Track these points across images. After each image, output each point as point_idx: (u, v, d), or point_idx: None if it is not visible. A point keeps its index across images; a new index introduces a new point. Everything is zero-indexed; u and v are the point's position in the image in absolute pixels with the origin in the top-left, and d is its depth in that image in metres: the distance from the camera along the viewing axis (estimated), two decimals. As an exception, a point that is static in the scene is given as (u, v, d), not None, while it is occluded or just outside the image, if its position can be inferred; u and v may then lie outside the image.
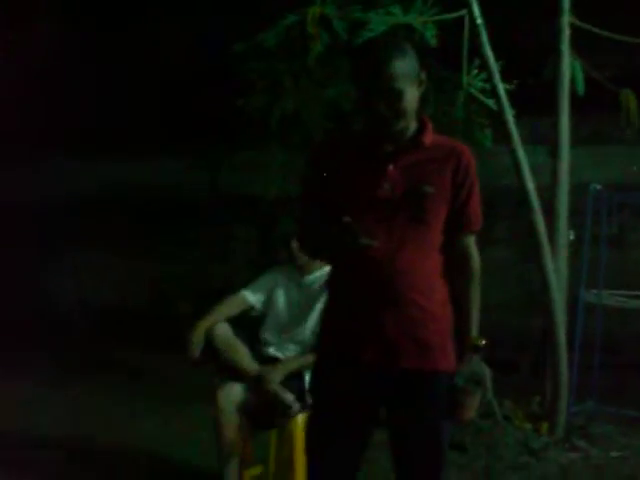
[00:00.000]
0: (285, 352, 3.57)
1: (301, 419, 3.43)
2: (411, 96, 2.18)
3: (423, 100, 2.34)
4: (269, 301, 3.68)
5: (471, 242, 2.37)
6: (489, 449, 3.94)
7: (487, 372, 2.29)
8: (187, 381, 5.16)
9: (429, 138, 2.29)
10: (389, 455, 2.36)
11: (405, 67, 2.15)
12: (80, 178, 6.73)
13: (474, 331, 2.34)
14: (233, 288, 3.54)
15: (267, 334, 3.66)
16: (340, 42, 4.21)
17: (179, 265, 6.64)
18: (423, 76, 2.24)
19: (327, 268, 3.59)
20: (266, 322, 3.69)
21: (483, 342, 2.23)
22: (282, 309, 3.65)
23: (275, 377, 3.35)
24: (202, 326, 3.46)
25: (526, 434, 4.14)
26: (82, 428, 4.51)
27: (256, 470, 3.67)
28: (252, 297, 3.66)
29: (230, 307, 3.61)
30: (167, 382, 5.35)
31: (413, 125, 2.28)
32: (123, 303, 6.72)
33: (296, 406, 3.34)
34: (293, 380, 3.42)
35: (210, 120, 5.55)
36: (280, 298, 3.67)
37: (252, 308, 3.67)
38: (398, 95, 2.15)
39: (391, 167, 2.25)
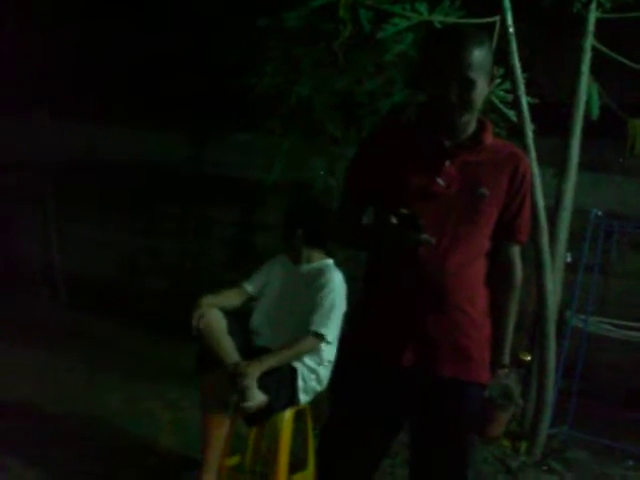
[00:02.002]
0: (274, 343, 3.44)
1: (288, 415, 3.32)
2: (481, 89, 2.11)
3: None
4: (261, 292, 3.58)
5: (517, 252, 2.30)
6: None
7: (519, 388, 2.21)
8: (156, 358, 5.04)
9: (489, 138, 2.21)
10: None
11: (481, 58, 2.07)
12: (60, 143, 6.50)
13: (509, 344, 2.27)
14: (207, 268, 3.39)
15: (256, 324, 3.55)
16: (361, 33, 4.10)
17: (153, 239, 6.47)
18: (495, 71, 2.16)
19: (328, 261, 3.52)
20: (255, 311, 3.58)
21: (528, 358, 2.16)
22: (274, 298, 3.54)
23: (251, 372, 3.21)
24: (203, 302, 3.35)
25: (504, 452, 4.11)
26: (44, 396, 4.35)
27: (234, 460, 3.56)
28: (249, 287, 3.58)
29: (232, 295, 3.53)
30: (136, 357, 5.19)
31: (473, 123, 2.20)
32: (94, 274, 6.49)
33: (252, 404, 3.17)
34: (282, 375, 3.31)
35: (208, 96, 5.40)
36: (274, 287, 3.56)
37: (252, 298, 3.58)
38: (471, 84, 2.06)
39: (448, 163, 2.16)
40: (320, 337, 3.30)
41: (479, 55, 2.05)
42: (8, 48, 6.24)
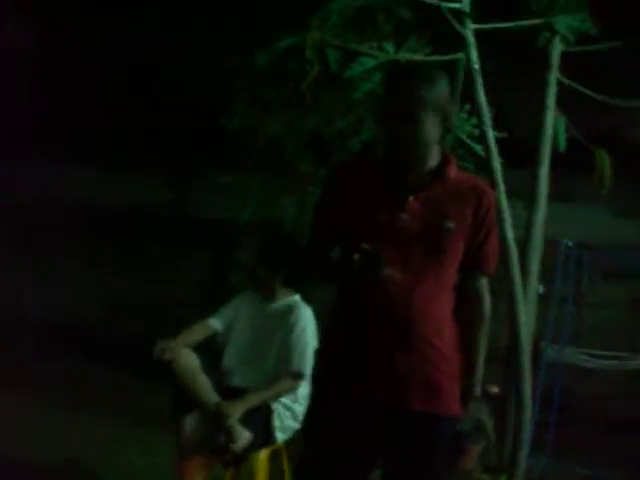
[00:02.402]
0: (249, 382, 3.44)
1: (264, 455, 3.30)
2: (430, 125, 2.12)
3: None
4: (230, 328, 3.57)
5: (484, 284, 2.32)
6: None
7: (491, 421, 2.22)
8: (132, 402, 4.98)
9: (453, 172, 2.23)
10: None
11: (430, 94, 2.09)
12: (45, 185, 6.50)
13: (479, 376, 2.28)
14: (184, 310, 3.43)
15: (228, 363, 3.55)
16: (329, 72, 4.16)
17: (132, 281, 6.44)
18: (449, 108, 2.18)
19: (296, 297, 3.53)
20: (227, 350, 3.58)
21: (495, 390, 2.17)
22: (244, 337, 3.55)
23: (233, 412, 3.21)
24: (173, 344, 3.37)
25: (484, 485, 4.10)
26: (17, 443, 4.25)
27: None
28: (215, 323, 3.58)
29: (195, 333, 3.53)
30: (112, 401, 5.11)
31: (435, 157, 2.22)
32: (72, 316, 6.44)
33: (241, 444, 3.19)
34: (259, 414, 3.30)
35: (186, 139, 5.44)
36: (242, 325, 3.57)
37: (217, 334, 3.58)
38: (416, 121, 2.09)
39: (412, 198, 2.18)
40: (300, 377, 3.31)
41: (427, 92, 2.08)
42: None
